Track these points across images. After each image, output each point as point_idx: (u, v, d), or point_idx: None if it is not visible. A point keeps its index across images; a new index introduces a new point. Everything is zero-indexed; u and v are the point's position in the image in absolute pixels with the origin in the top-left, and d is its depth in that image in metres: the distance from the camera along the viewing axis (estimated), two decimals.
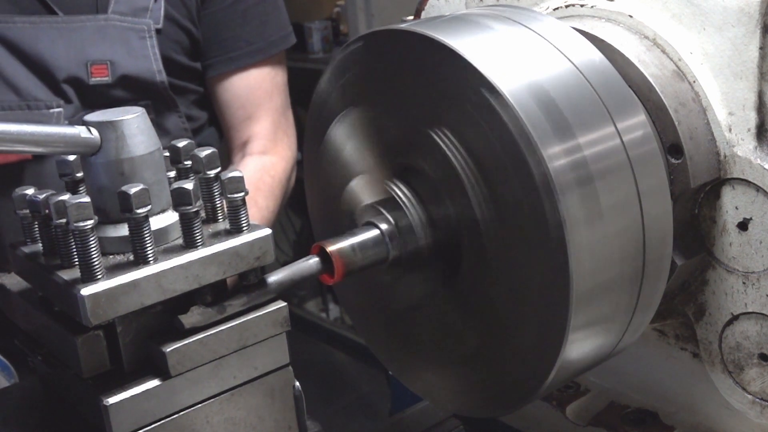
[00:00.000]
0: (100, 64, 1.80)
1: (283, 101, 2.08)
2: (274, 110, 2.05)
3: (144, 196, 0.82)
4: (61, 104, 1.78)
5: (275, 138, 2.04)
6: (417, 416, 1.42)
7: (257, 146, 2.02)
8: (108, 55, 1.80)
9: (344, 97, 1.08)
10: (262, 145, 2.02)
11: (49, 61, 1.77)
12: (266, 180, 1.96)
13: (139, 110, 0.88)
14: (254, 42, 2.00)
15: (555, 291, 0.89)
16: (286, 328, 0.92)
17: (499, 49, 0.93)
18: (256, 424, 0.92)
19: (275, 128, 2.05)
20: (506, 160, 0.89)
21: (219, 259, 0.86)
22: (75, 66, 1.78)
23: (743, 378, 1.08)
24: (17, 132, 0.83)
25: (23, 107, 1.76)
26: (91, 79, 1.79)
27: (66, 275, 0.83)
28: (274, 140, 2.04)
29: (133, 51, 1.83)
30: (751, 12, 0.99)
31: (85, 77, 1.79)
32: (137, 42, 1.83)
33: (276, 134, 2.05)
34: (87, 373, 0.84)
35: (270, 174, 1.98)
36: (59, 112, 1.77)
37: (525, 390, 0.98)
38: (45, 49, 1.77)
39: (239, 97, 2.02)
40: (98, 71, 1.80)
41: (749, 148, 1.01)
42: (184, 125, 1.95)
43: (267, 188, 1.95)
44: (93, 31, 1.80)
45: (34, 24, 1.77)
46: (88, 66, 1.79)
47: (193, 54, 1.97)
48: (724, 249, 1.05)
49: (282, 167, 2.01)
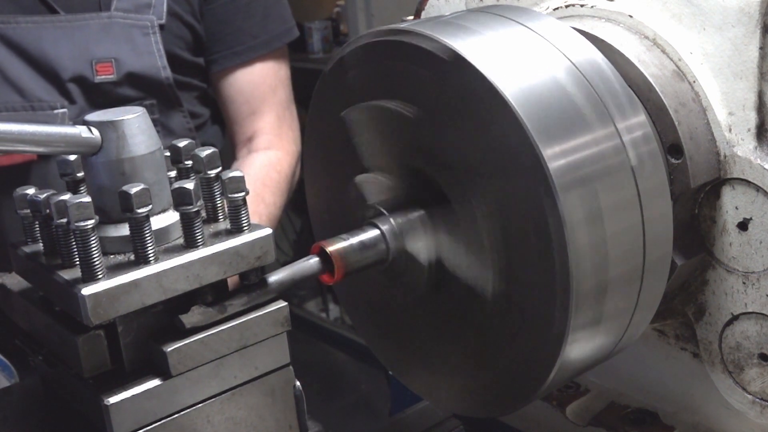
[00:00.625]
0: (105, 62, 1.79)
1: (287, 95, 2.09)
2: (278, 105, 2.05)
3: (145, 195, 0.82)
4: (65, 105, 1.78)
5: (280, 133, 2.04)
6: (417, 416, 1.42)
7: (263, 142, 2.02)
8: (112, 53, 1.80)
9: (344, 97, 1.08)
10: (268, 140, 2.02)
11: (54, 61, 1.77)
12: (273, 176, 1.97)
13: (139, 110, 0.89)
14: (258, 36, 2.00)
15: (555, 291, 0.89)
16: (287, 327, 0.92)
17: (499, 49, 0.93)
18: (256, 424, 0.92)
19: (280, 123, 2.05)
20: (506, 160, 0.89)
21: (220, 259, 0.86)
22: (80, 65, 1.78)
23: (743, 378, 1.08)
24: (18, 132, 0.83)
25: (27, 108, 1.76)
26: (97, 77, 1.79)
27: (67, 275, 0.83)
28: (279, 135, 2.04)
29: (138, 48, 1.83)
30: (751, 12, 0.99)
31: (90, 76, 1.79)
32: (141, 39, 1.83)
33: (281, 129, 2.05)
34: (88, 372, 0.84)
35: (276, 170, 1.98)
36: (63, 112, 1.77)
37: (525, 390, 0.98)
38: (49, 49, 1.77)
39: (243, 92, 2.02)
40: (103, 69, 1.79)
41: (749, 148, 1.01)
42: (188, 125, 1.95)
43: (274, 184, 1.96)
44: (97, 29, 1.80)
45: (37, 24, 1.77)
46: (93, 64, 1.79)
47: (196, 49, 1.97)
48: (724, 249, 1.05)
49: (288, 162, 2.01)
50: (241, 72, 2.01)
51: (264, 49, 2.01)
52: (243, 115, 2.03)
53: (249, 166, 1.99)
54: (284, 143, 2.05)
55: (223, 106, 2.06)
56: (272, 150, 2.02)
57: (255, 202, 1.89)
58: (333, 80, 1.10)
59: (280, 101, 2.06)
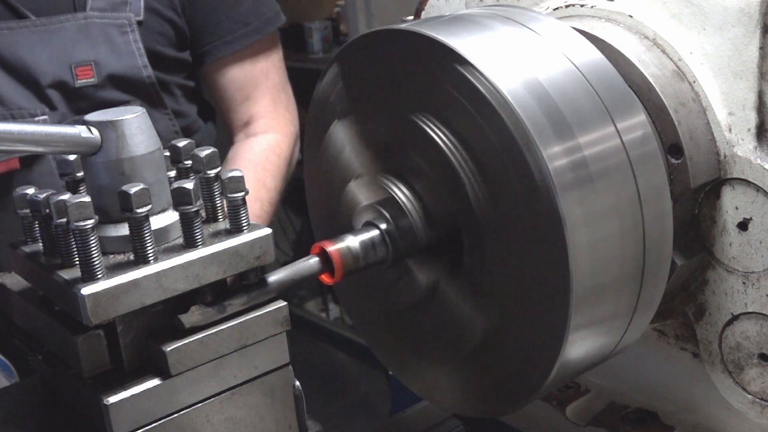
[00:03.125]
0: (85, 66, 1.75)
1: (281, 78, 2.08)
2: (272, 88, 2.04)
3: (144, 195, 0.82)
4: (45, 112, 1.73)
5: (277, 115, 2.04)
6: (417, 416, 1.42)
7: (260, 126, 2.01)
8: (91, 55, 1.76)
9: (344, 97, 1.08)
10: (265, 123, 2.01)
11: (32, 67, 1.72)
12: (273, 159, 1.96)
13: (139, 110, 0.89)
14: (250, 22, 1.97)
15: (555, 291, 0.89)
16: (287, 327, 0.92)
17: (499, 49, 0.93)
18: (256, 424, 0.92)
19: (275, 105, 2.04)
20: (506, 160, 0.89)
21: (219, 259, 0.86)
22: (59, 70, 1.73)
23: (743, 378, 1.08)
24: (18, 132, 0.83)
25: (7, 116, 1.70)
26: (77, 81, 1.74)
27: (66, 275, 0.83)
28: (275, 118, 2.03)
29: (117, 48, 1.78)
30: (751, 12, 0.99)
31: (71, 80, 1.74)
32: (119, 38, 1.79)
33: (277, 111, 2.04)
34: (87, 372, 0.84)
35: (276, 153, 1.98)
36: (44, 119, 1.72)
37: (525, 390, 0.98)
38: (26, 55, 1.71)
39: (236, 79, 2.00)
40: (83, 73, 1.75)
41: (749, 148, 1.01)
42: (174, 128, 1.91)
43: (274, 168, 1.96)
44: (74, 31, 1.75)
45: (11, 29, 1.71)
46: (73, 68, 1.74)
47: (179, 45, 1.93)
48: (724, 249, 1.05)
49: (287, 144, 2.01)
50: (233, 59, 1.99)
51: (257, 35, 1.99)
52: (237, 101, 2.02)
53: (248, 150, 1.98)
54: (281, 125, 2.04)
55: (216, 95, 2.04)
56: (270, 133, 2.01)
57: (257, 188, 1.89)
58: (333, 80, 1.10)
59: (274, 85, 2.05)
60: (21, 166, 1.72)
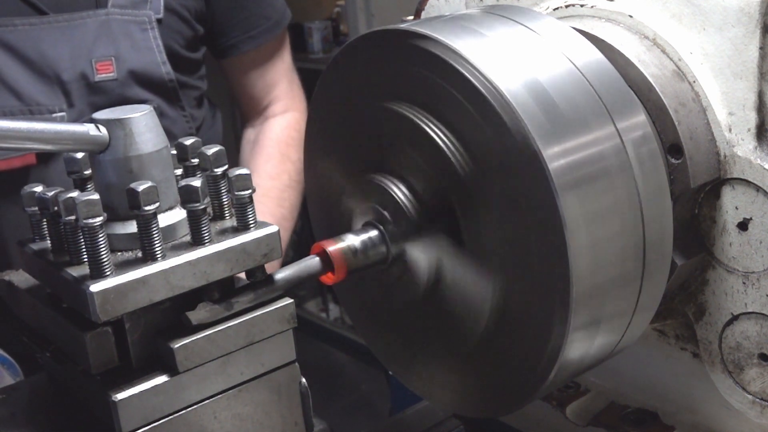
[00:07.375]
0: (105, 61, 1.77)
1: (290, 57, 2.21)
2: (287, 69, 2.18)
3: (152, 193, 0.83)
4: (64, 108, 1.75)
5: (293, 95, 2.18)
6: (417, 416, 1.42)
7: (279, 107, 2.15)
8: (112, 51, 1.78)
9: (344, 96, 1.08)
10: (284, 104, 2.15)
11: (54, 62, 1.74)
12: (294, 135, 2.12)
13: (146, 108, 0.89)
14: (271, 16, 2.08)
15: (555, 291, 0.89)
16: (293, 324, 0.93)
17: (499, 49, 0.93)
18: (262, 420, 0.93)
19: (291, 86, 2.18)
20: (506, 160, 0.90)
21: (226, 256, 0.87)
22: (80, 65, 1.76)
23: (743, 378, 1.08)
24: (27, 129, 0.84)
25: (25, 112, 1.72)
26: (97, 75, 1.77)
27: (75, 272, 0.84)
28: (291, 97, 2.17)
29: (137, 44, 1.81)
30: (751, 12, 0.99)
31: (91, 75, 1.76)
32: (140, 34, 1.81)
33: (292, 90, 2.18)
34: (95, 369, 0.85)
35: (296, 129, 2.13)
36: (62, 116, 1.74)
37: (525, 390, 0.98)
38: (48, 50, 1.74)
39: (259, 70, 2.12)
40: (103, 68, 1.77)
41: (749, 148, 1.01)
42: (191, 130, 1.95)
43: (296, 143, 2.09)
44: (95, 27, 1.78)
45: (33, 26, 1.74)
46: (93, 63, 1.76)
47: (193, 45, 1.97)
48: (724, 249, 1.06)
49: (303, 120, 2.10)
50: (257, 53, 2.09)
51: (278, 28, 2.09)
52: (258, 88, 2.14)
53: (269, 130, 2.13)
54: (297, 103, 2.18)
55: (237, 84, 2.14)
56: (289, 112, 2.16)
57: (282, 162, 2.07)
58: (333, 80, 1.10)
59: (288, 65, 2.18)
60: (37, 162, 1.74)
